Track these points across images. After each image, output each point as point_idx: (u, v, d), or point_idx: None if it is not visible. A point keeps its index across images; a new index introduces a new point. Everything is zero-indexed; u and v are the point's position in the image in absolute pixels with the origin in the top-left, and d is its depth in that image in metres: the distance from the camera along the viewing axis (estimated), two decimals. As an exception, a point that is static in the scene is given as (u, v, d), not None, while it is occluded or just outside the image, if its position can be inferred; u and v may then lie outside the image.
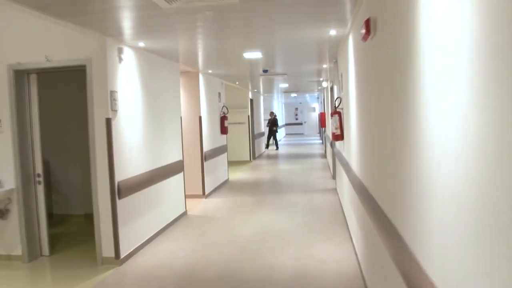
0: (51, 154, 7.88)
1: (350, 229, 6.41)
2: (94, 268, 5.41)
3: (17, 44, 5.62)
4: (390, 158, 2.80)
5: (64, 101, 7.88)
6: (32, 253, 5.77)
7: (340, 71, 6.86)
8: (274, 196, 9.78)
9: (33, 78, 5.77)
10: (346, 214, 7.20)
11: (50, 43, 5.51)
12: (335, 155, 9.23)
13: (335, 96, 8.75)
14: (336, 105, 6.43)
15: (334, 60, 8.33)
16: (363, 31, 3.40)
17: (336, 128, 6.10)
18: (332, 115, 6.31)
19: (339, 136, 6.06)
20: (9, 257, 5.76)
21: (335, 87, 8.16)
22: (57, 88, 7.74)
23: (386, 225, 2.98)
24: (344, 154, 6.35)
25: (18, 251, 5.73)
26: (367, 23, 3.24)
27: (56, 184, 8.22)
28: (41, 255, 5.89)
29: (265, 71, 10.56)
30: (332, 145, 11.12)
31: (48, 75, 6.06)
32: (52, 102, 7.71)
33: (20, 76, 5.65)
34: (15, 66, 5.59)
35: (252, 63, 8.88)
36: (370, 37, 3.33)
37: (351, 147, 5.29)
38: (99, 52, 5.35)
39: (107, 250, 5.51)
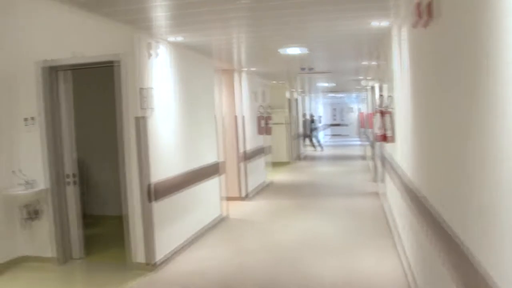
0: (88, 153, 7.72)
1: (394, 236, 5.97)
2: (125, 273, 5.16)
3: (45, 41, 5.49)
4: (466, 165, 2.36)
5: (100, 98, 7.68)
6: (64, 255, 5.62)
7: (388, 67, 6.41)
8: (313, 199, 9.42)
9: (62, 75, 5.60)
10: (390, 220, 6.75)
11: (79, 40, 5.33)
12: (381, 157, 8.76)
13: (379, 95, 8.30)
14: (385, 105, 6.00)
15: (379, 56, 7.88)
16: (420, 16, 2.99)
17: (385, 129, 5.66)
18: (380, 115, 5.87)
19: (388, 138, 5.62)
20: (40, 259, 5.63)
21: (383, 85, 7.70)
22: (92, 84, 7.55)
23: (448, 239, 2.57)
24: (395, 157, 5.89)
25: (49, 253, 5.60)
26: (428, 7, 2.83)
27: (93, 184, 8.07)
28: (73, 258, 5.73)
29: (303, 69, 10.19)
30: (375, 147, 10.65)
31: (81, 72, 5.86)
32: (88, 100, 7.53)
33: (48, 73, 5.48)
34: (43, 63, 5.44)
35: (289, 60, 8.54)
36: (430, 23, 2.91)
37: (405, 150, 4.83)
38: (129, 47, 5.10)
39: (139, 255, 5.25)
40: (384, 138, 5.92)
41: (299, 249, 5.99)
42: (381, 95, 7.85)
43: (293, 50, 7.16)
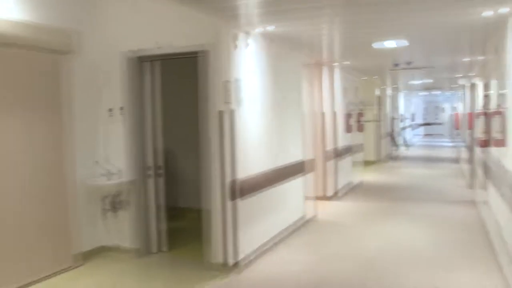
0: (175, 145, 7.68)
1: (498, 253, 5.32)
2: (203, 273, 4.99)
3: (131, 31, 5.45)
4: None
5: (188, 89, 7.56)
6: (144, 248, 5.60)
7: (500, 62, 5.69)
8: (403, 204, 8.81)
9: (148, 66, 5.52)
10: (492, 234, 6.05)
11: (165, 30, 5.20)
12: (483, 162, 7.95)
13: (483, 94, 7.54)
14: (493, 104, 5.33)
15: (486, 50, 7.13)
16: None
17: (492, 132, 5.02)
18: (484, 117, 5.22)
19: (497, 141, 4.96)
20: (121, 250, 5.65)
21: (489, 83, 6.93)
22: (179, 75, 7.46)
23: None
24: (506, 163, 5.20)
25: (130, 244, 5.60)
26: None
27: (179, 175, 8.02)
28: (153, 251, 5.68)
29: (396, 64, 9.57)
30: (474, 150, 9.80)
31: (166, 62, 5.73)
32: (176, 90, 7.46)
33: (133, 63, 5.41)
34: (129, 53, 5.38)
35: (384, 54, 7.97)
36: None
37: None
38: (214, 38, 4.87)
39: (219, 255, 5.04)
40: (487, 143, 5.26)
41: (388, 259, 5.51)
42: (486, 95, 7.11)
43: (390, 44, 6.62)
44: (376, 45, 6.65)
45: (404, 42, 6.65)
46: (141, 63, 5.45)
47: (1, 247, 4.43)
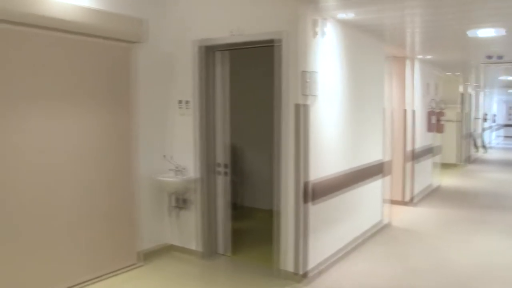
0: (242, 140, 7.36)
1: None
2: (271, 280, 4.62)
3: (200, 19, 5.11)
4: None
5: (256, 81, 7.19)
6: (208, 250, 5.29)
7: None
8: (495, 214, 7.92)
9: (219, 56, 5.17)
10: None
11: (236, 17, 4.80)
12: None
13: None
14: None
15: None
16: None
17: None
18: None
19: None
20: (185, 250, 5.40)
21: None
22: (246, 66, 7.09)
23: None
24: None
25: (194, 245, 5.33)
26: None
27: (246, 173, 7.69)
28: (218, 253, 5.38)
29: (489, 57, 8.64)
30: None
31: (236, 52, 5.33)
32: (243, 82, 7.10)
33: (205, 53, 5.07)
34: (200, 42, 5.05)
35: (473, 46, 7.18)
36: None
37: None
38: (292, 25, 4.41)
39: (288, 262, 4.63)
40: None
41: (478, 277, 4.85)
42: None
43: (486, 32, 5.86)
44: (470, 33, 5.92)
45: (501, 31, 5.89)
46: (212, 53, 5.11)
47: (66, 242, 4.27)
